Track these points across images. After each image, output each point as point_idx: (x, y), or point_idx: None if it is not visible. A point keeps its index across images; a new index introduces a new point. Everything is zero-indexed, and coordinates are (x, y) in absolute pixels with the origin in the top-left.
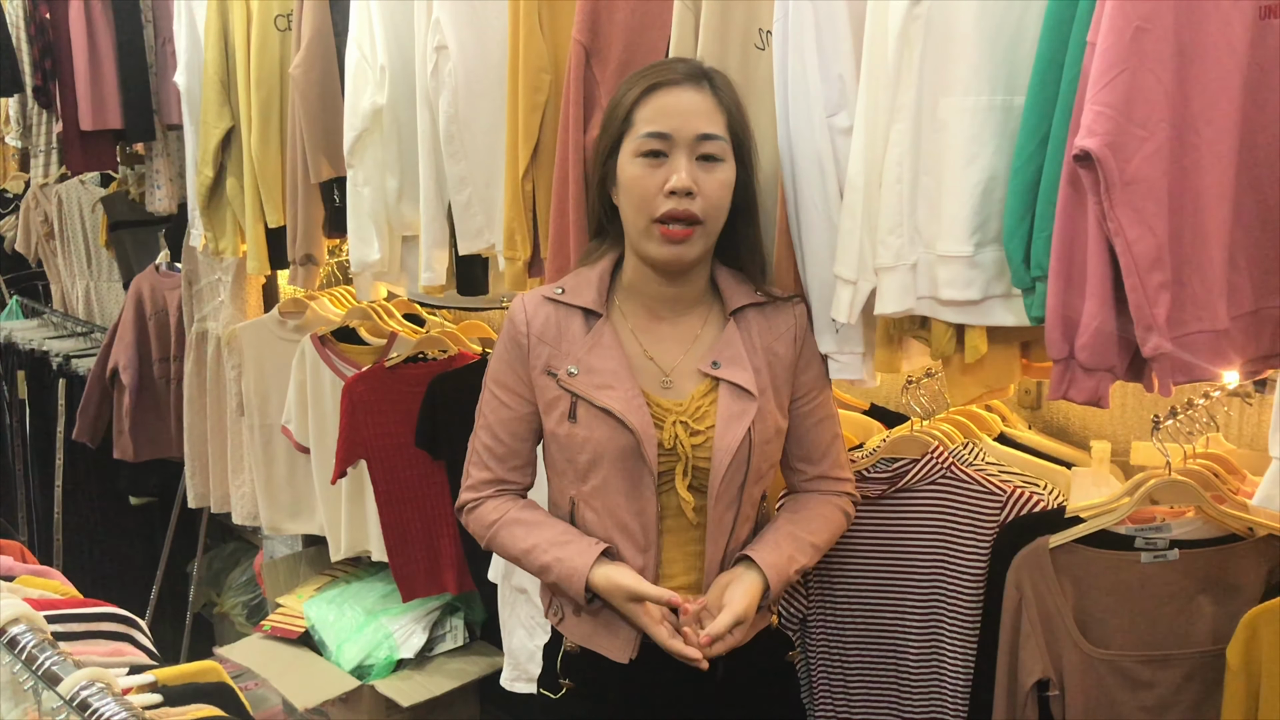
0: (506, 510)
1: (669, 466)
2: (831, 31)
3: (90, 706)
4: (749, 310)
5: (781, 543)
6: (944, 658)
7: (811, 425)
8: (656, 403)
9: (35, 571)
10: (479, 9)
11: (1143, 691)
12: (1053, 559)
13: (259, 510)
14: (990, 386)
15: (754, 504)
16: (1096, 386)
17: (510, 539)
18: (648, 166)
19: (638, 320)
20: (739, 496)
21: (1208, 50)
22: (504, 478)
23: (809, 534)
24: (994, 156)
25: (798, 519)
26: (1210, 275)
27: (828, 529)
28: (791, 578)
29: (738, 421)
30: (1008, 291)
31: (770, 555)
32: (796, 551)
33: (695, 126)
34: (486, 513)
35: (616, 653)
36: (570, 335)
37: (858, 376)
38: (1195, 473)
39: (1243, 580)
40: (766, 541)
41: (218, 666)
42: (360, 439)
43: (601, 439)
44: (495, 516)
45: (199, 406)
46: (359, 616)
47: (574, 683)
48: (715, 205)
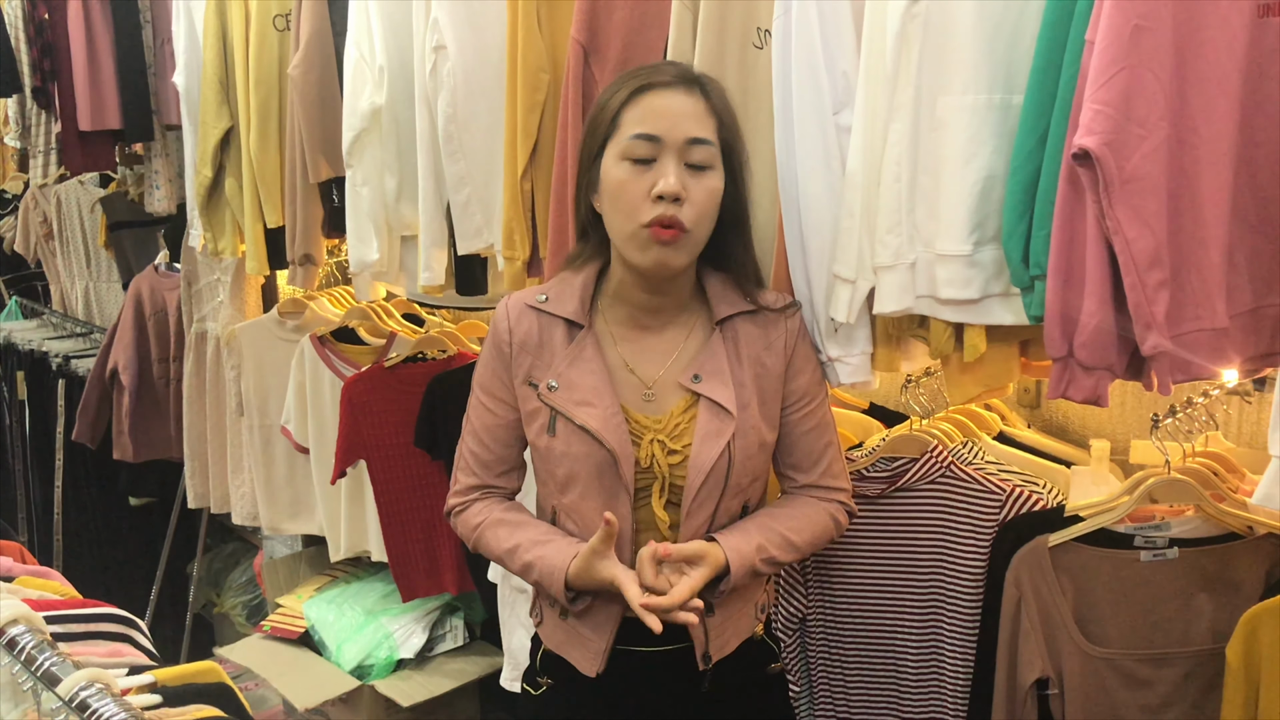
0: (491, 512)
1: (646, 483)
2: (835, 29)
3: (89, 707)
4: (738, 319)
5: (751, 530)
6: (943, 657)
7: (802, 433)
8: (635, 419)
9: (34, 572)
10: (477, 9)
11: (1142, 690)
12: (1052, 558)
13: (259, 510)
14: (989, 385)
15: (733, 516)
16: (1095, 385)
17: (494, 539)
18: (634, 170)
19: (621, 330)
20: (714, 510)
21: (1206, 48)
22: (490, 483)
23: (785, 529)
24: (993, 155)
25: (777, 514)
26: (1209, 273)
27: (810, 529)
28: (758, 566)
29: (714, 440)
30: (1006, 290)
31: (735, 539)
32: (765, 540)
33: (685, 130)
34: (472, 516)
35: (585, 665)
36: (552, 346)
37: (865, 379)
38: (1195, 471)
39: (1242, 579)
40: (736, 527)
41: (217, 667)
42: (359, 439)
43: (579, 455)
44: (480, 519)
45: (198, 407)
46: (359, 617)
47: (552, 681)
48: (703, 214)
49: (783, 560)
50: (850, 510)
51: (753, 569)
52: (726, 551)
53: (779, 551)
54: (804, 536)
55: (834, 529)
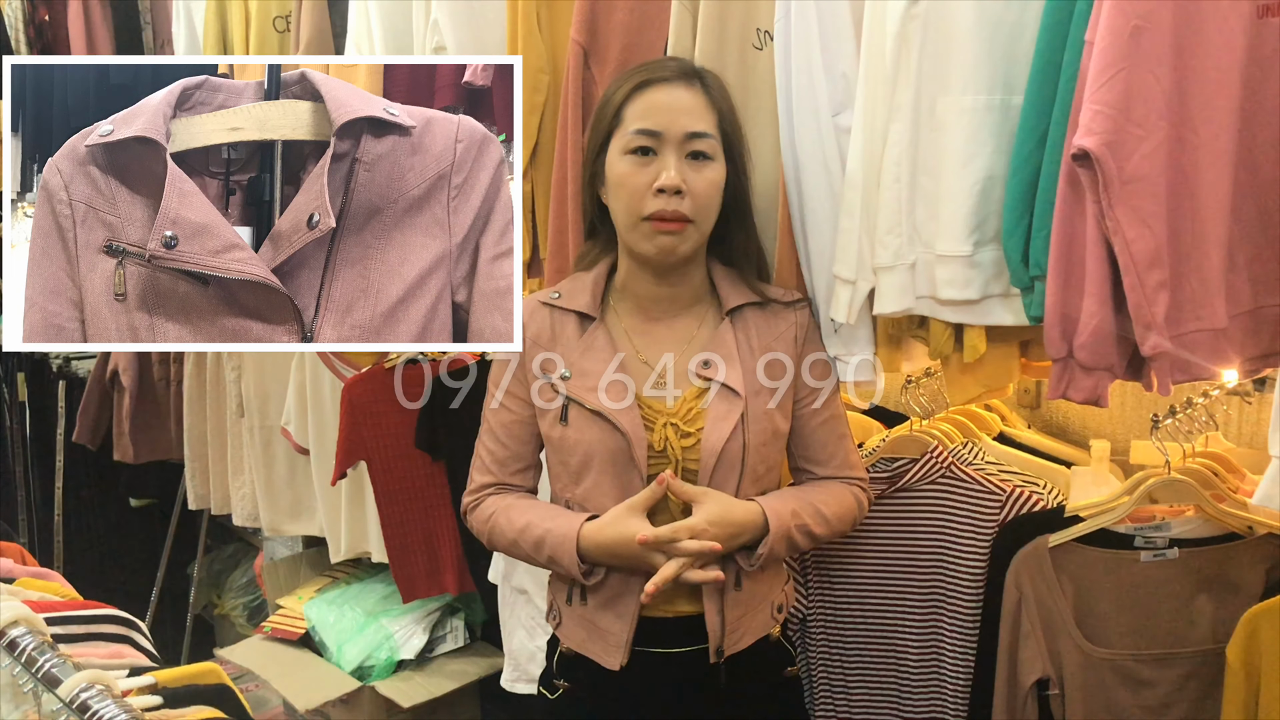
0: (503, 500)
1: (659, 468)
2: (834, 30)
3: (90, 709)
4: (747, 310)
5: (786, 497)
6: (944, 657)
7: (816, 426)
8: (648, 405)
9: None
10: (477, 9)
11: (1143, 690)
12: (1052, 558)
13: (259, 511)
14: (989, 386)
15: None
16: (1095, 385)
17: (506, 522)
18: (636, 164)
19: (632, 321)
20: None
21: (1206, 49)
22: (505, 481)
23: (818, 501)
24: (992, 156)
25: (806, 488)
26: (1209, 274)
27: (839, 504)
28: (793, 534)
29: (725, 422)
30: (1006, 291)
31: (773, 501)
32: (801, 508)
33: (685, 124)
34: (485, 508)
35: (607, 659)
36: (564, 339)
37: (869, 378)
38: (1195, 471)
39: (1242, 579)
40: (771, 494)
41: (218, 668)
42: (360, 440)
43: (592, 441)
44: (492, 509)
45: (199, 408)
46: (359, 617)
47: (570, 684)
48: (704, 204)
49: (816, 533)
50: (870, 496)
51: (788, 536)
52: (766, 510)
53: (813, 522)
54: (834, 510)
55: (858, 509)
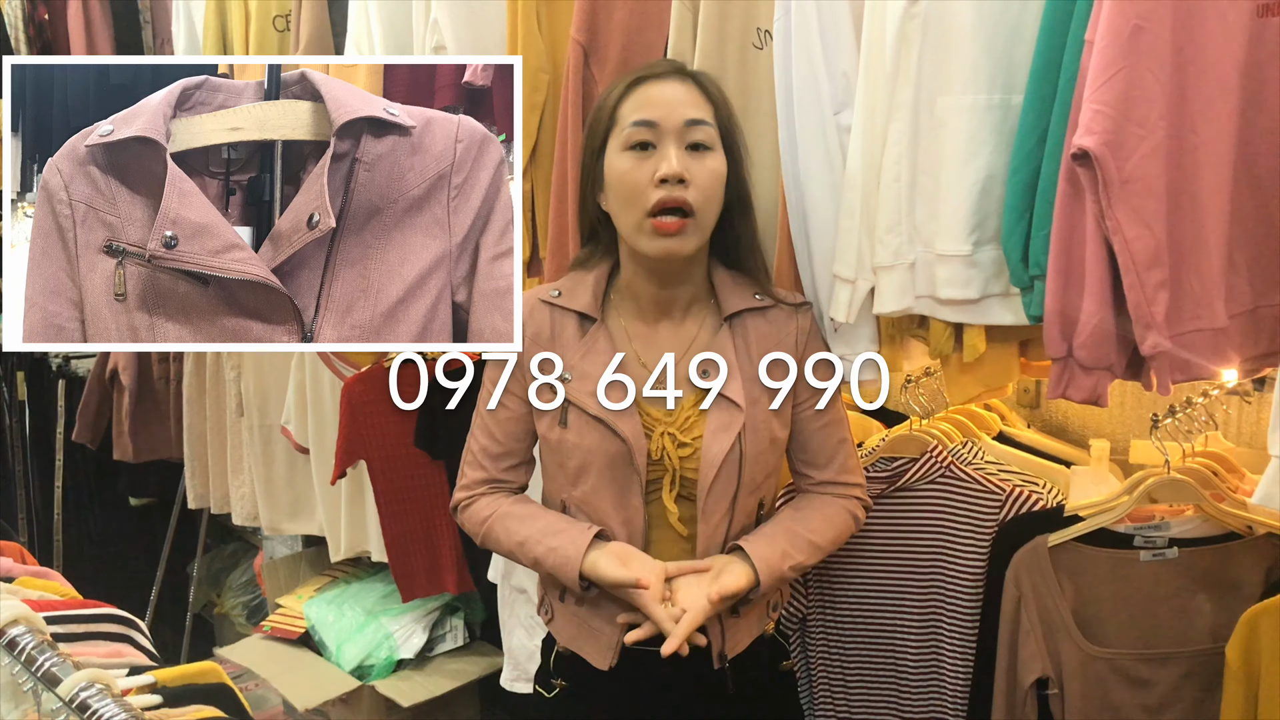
0: (499, 505)
1: (657, 476)
2: (835, 29)
3: (90, 708)
4: (747, 315)
5: (777, 537)
6: (943, 656)
7: (816, 429)
8: (646, 411)
9: (35, 573)
10: (477, 9)
11: (1142, 690)
12: (1052, 558)
13: (259, 511)
14: (989, 385)
15: (750, 514)
16: (1095, 385)
17: (504, 533)
18: (636, 159)
19: (633, 324)
20: (731, 509)
21: (1206, 48)
22: (498, 477)
23: (809, 531)
24: (992, 155)
25: (799, 515)
26: (1208, 273)
27: (831, 529)
28: (786, 574)
29: (725, 433)
30: (1006, 290)
31: (763, 548)
32: (792, 547)
33: (682, 113)
34: (479, 509)
35: (597, 658)
36: (565, 339)
37: (871, 377)
38: (1194, 471)
39: (1242, 578)
40: (762, 534)
41: (217, 667)
42: (359, 439)
43: (591, 445)
44: (488, 513)
45: (198, 407)
46: (359, 617)
47: (565, 682)
48: (707, 195)
49: (809, 564)
50: (866, 505)
51: (780, 578)
52: (755, 563)
53: (805, 557)
54: (827, 537)
55: (853, 526)
